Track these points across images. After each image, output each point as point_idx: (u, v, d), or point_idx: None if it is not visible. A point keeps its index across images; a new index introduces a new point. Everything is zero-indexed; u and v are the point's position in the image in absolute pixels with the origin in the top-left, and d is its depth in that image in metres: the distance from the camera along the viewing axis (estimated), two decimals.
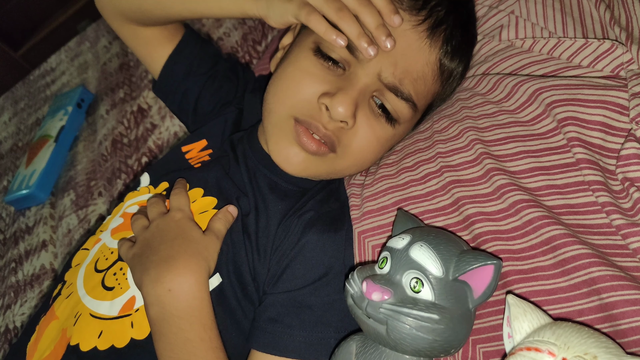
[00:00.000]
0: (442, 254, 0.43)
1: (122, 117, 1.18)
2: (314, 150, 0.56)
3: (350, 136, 0.57)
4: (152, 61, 0.74)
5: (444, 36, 0.57)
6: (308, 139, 0.55)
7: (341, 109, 0.53)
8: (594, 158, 0.47)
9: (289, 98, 0.57)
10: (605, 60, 0.53)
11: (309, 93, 0.56)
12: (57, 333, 0.55)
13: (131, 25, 0.70)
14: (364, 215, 0.59)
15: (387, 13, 0.53)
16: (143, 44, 0.73)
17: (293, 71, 0.58)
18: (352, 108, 0.54)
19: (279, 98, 0.58)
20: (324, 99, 0.54)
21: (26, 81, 1.62)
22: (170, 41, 0.72)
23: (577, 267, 0.43)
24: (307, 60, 0.57)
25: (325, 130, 0.55)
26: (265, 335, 0.54)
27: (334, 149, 0.57)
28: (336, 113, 0.53)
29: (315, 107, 0.55)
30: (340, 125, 0.55)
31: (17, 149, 1.37)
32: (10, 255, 1.10)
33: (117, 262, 0.58)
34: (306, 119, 0.56)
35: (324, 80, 0.55)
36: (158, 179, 0.66)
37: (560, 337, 0.36)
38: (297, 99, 0.56)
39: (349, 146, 0.57)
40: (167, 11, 0.65)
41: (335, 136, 0.56)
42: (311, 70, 0.56)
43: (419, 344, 0.40)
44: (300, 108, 0.56)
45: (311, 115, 0.56)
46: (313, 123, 0.55)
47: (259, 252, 0.57)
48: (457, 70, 0.61)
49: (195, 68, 0.73)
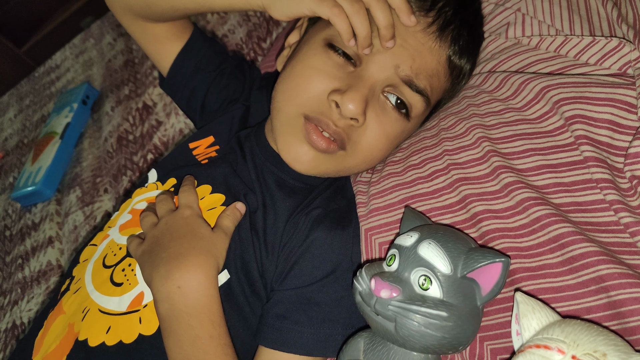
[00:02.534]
0: (451, 252, 0.43)
1: (127, 114, 1.18)
2: (324, 148, 0.56)
3: (360, 133, 0.57)
4: (161, 58, 0.74)
5: (452, 36, 0.58)
6: (318, 137, 0.55)
7: (352, 106, 0.53)
8: (601, 156, 0.47)
9: (299, 96, 0.57)
10: (613, 58, 0.53)
11: (319, 90, 0.56)
12: (64, 328, 0.56)
13: (140, 21, 0.70)
14: (371, 212, 0.59)
15: (404, 11, 0.53)
16: (152, 41, 0.73)
17: (303, 69, 0.58)
18: (362, 105, 0.54)
19: (288, 96, 0.58)
20: (334, 95, 0.54)
21: (31, 78, 1.62)
22: (179, 38, 0.73)
23: (585, 264, 0.43)
24: (317, 57, 0.57)
25: (335, 127, 0.55)
26: (273, 331, 0.54)
27: (343, 147, 0.57)
28: (347, 110, 0.53)
29: (325, 104, 0.55)
30: (350, 122, 0.55)
31: (22, 145, 1.37)
32: (16, 251, 1.10)
33: (125, 258, 0.58)
34: (316, 115, 0.56)
35: (334, 77, 0.56)
36: (165, 175, 0.66)
37: (569, 335, 0.36)
38: (307, 96, 0.56)
39: (358, 143, 0.57)
40: (173, 4, 0.65)
41: (345, 133, 0.56)
42: (321, 67, 0.56)
43: (428, 341, 0.41)
44: (310, 105, 0.56)
45: (321, 112, 0.56)
46: (323, 120, 0.55)
47: (267, 249, 0.58)
48: (466, 69, 0.62)
49: (203, 65, 0.73)
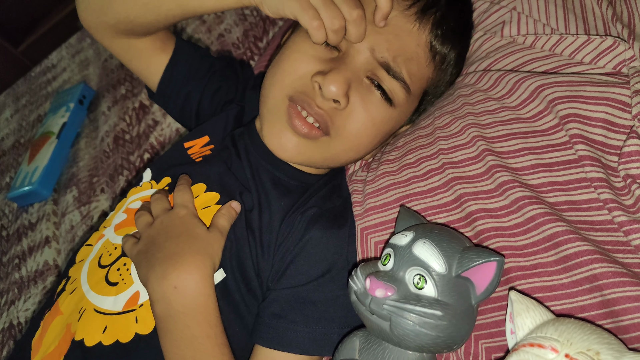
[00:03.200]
0: (445, 251, 0.43)
1: (123, 114, 1.18)
2: (306, 132, 0.56)
3: (344, 117, 0.57)
4: (149, 72, 0.73)
5: (434, 19, 0.58)
6: (300, 121, 0.56)
7: (333, 87, 0.53)
8: (596, 155, 0.47)
9: (284, 79, 0.58)
10: (608, 57, 0.53)
11: (303, 71, 0.56)
12: (62, 328, 0.56)
13: (122, 38, 0.68)
14: (367, 211, 0.59)
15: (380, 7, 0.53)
16: (137, 57, 0.71)
17: (289, 53, 0.59)
18: (344, 87, 0.54)
19: (274, 80, 0.59)
20: (317, 77, 0.55)
21: (27, 78, 1.62)
22: (164, 50, 0.71)
23: (579, 263, 0.43)
24: (303, 42, 0.58)
25: (317, 109, 0.56)
26: (269, 330, 0.55)
27: (327, 132, 0.57)
28: (328, 91, 0.54)
29: (308, 85, 0.56)
30: (333, 105, 0.55)
31: (19, 145, 1.37)
32: (13, 251, 1.10)
33: (120, 257, 0.58)
34: (300, 95, 0.56)
35: (318, 60, 0.56)
36: (160, 174, 0.66)
37: (563, 333, 0.37)
38: (292, 78, 0.57)
39: (342, 128, 0.57)
40: (156, 12, 0.62)
41: (329, 116, 0.56)
42: (306, 50, 0.57)
43: (422, 339, 0.41)
44: (295, 87, 0.57)
45: (305, 92, 0.56)
46: (306, 100, 0.56)
47: (263, 248, 0.58)
48: (450, 57, 0.61)
49: (194, 72, 0.73)
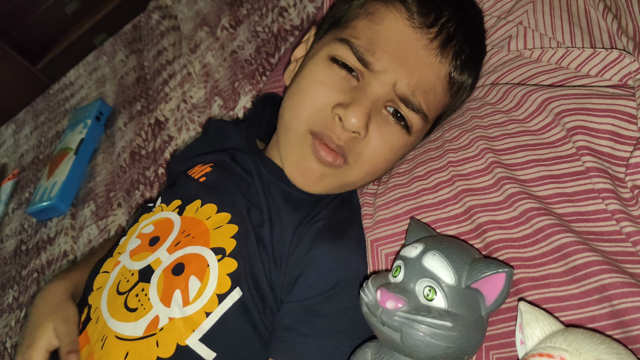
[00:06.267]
0: (455, 263, 0.44)
1: (139, 130, 1.21)
2: (331, 161, 0.57)
3: (362, 146, 0.58)
4: None
5: (454, 51, 0.59)
6: (325, 152, 0.56)
7: (354, 120, 0.54)
8: (603, 166, 0.48)
9: (305, 110, 0.58)
10: (613, 70, 0.53)
11: (323, 103, 0.57)
12: (86, 357, 0.56)
13: None
14: (377, 223, 0.60)
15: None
16: None
17: (308, 84, 0.59)
18: (364, 119, 0.55)
19: (295, 112, 0.60)
20: (337, 109, 0.56)
21: (46, 95, 1.66)
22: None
23: (588, 274, 0.43)
24: (321, 71, 0.59)
25: (338, 142, 0.57)
26: (281, 344, 0.55)
27: (346, 160, 0.58)
28: (349, 124, 0.55)
29: (329, 117, 0.57)
30: (352, 135, 0.56)
31: (38, 161, 1.40)
32: (32, 265, 1.13)
33: (138, 283, 0.58)
34: (321, 130, 0.57)
35: (338, 90, 0.57)
36: (170, 197, 0.66)
37: (572, 343, 0.37)
38: (312, 110, 0.58)
39: (360, 155, 0.58)
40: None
41: (347, 146, 0.57)
42: (325, 80, 0.58)
43: (433, 350, 0.41)
44: (316, 120, 0.57)
45: (325, 125, 0.57)
46: (327, 134, 0.56)
47: (276, 262, 0.58)
48: (467, 83, 0.63)
49: None
